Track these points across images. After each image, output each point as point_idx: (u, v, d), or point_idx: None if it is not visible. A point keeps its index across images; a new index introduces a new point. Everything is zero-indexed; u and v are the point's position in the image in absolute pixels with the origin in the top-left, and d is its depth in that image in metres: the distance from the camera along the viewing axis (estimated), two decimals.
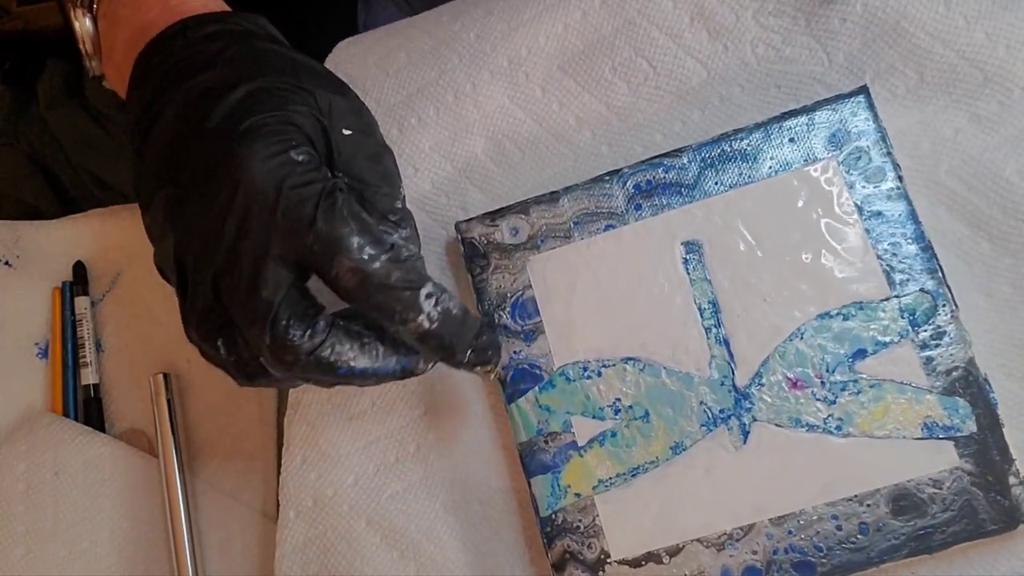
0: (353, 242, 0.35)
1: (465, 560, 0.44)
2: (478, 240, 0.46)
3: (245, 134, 0.35)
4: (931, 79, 0.44)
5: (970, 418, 0.39)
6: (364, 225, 0.35)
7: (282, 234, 0.35)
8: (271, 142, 0.35)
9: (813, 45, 0.46)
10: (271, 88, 0.37)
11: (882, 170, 0.42)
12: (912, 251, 0.41)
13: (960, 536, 0.39)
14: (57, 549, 0.49)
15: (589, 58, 0.49)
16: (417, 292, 0.36)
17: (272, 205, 0.34)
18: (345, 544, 0.45)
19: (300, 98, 0.37)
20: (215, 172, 0.35)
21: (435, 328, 0.36)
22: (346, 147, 0.38)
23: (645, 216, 0.44)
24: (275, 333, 0.35)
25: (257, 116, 0.36)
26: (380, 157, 0.39)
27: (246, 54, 0.38)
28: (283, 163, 0.35)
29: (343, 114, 0.38)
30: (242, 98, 0.36)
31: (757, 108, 0.46)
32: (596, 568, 0.41)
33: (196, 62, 0.38)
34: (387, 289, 0.35)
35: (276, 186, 0.35)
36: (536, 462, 0.43)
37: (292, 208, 0.34)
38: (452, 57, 0.50)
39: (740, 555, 0.40)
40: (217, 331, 0.36)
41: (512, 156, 0.49)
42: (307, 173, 0.35)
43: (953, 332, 0.40)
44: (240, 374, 0.37)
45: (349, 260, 0.35)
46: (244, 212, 0.35)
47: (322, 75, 0.39)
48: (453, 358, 0.38)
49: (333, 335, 0.36)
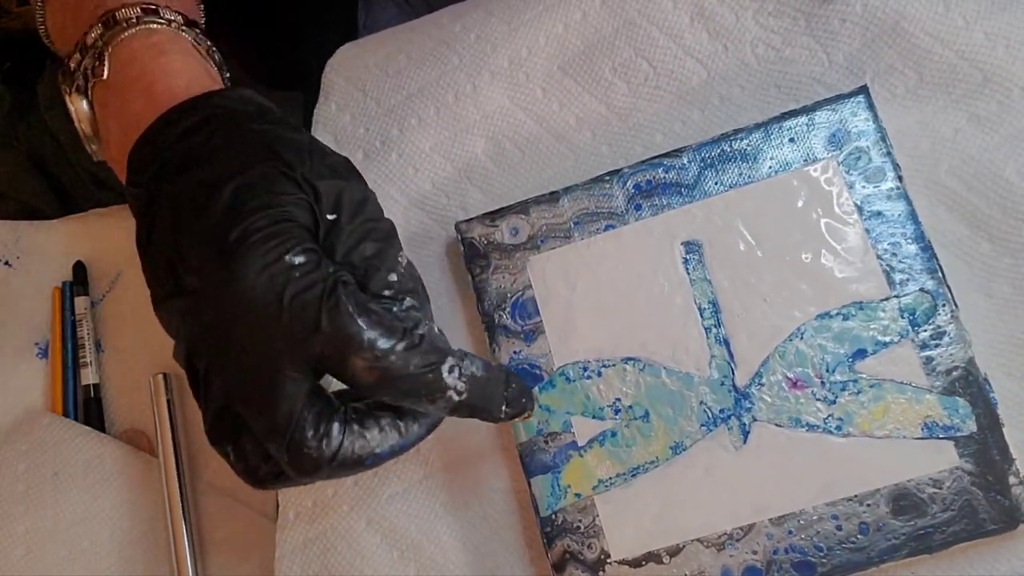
0: (364, 339, 0.34)
1: (465, 560, 0.44)
2: (478, 240, 0.46)
3: (238, 242, 0.34)
4: (931, 79, 0.44)
5: (970, 418, 0.39)
6: (373, 318, 0.34)
7: (291, 344, 0.34)
8: (266, 248, 0.34)
9: (813, 45, 0.46)
10: (256, 183, 0.36)
11: (882, 170, 0.42)
12: (912, 251, 0.41)
13: (960, 536, 0.39)
14: (57, 549, 0.49)
15: (589, 58, 0.49)
16: (439, 371, 0.35)
17: (275, 317, 0.33)
18: (345, 544, 0.45)
19: (287, 187, 0.36)
20: (216, 284, 0.34)
21: (465, 399, 0.36)
22: (331, 232, 0.37)
23: (645, 216, 0.44)
24: (292, 446, 0.34)
25: (248, 219, 0.34)
26: (368, 235, 0.38)
27: (227, 145, 0.37)
28: (281, 270, 0.34)
29: (327, 197, 0.37)
30: (229, 200, 0.35)
31: (757, 108, 0.46)
32: (596, 568, 0.41)
33: (179, 161, 0.37)
34: (409, 378, 0.34)
35: (277, 297, 0.34)
36: (536, 462, 0.43)
37: (296, 317, 0.33)
38: (452, 58, 0.51)
39: (740, 555, 0.40)
40: (227, 436, 0.36)
41: (512, 156, 0.49)
42: (306, 276, 0.34)
43: (953, 332, 0.40)
44: (251, 480, 0.36)
45: (362, 359, 0.34)
46: (250, 325, 0.34)
47: (306, 150, 0.38)
48: (489, 418, 0.37)
49: (350, 433, 0.35)
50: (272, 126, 0.38)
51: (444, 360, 0.35)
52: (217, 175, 0.36)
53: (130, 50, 0.40)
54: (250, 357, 0.34)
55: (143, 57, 0.40)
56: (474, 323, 0.47)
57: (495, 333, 0.45)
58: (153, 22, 0.41)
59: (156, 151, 0.38)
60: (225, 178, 0.36)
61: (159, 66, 0.40)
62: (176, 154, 0.37)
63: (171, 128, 0.38)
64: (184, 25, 0.42)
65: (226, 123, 0.38)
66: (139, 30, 0.41)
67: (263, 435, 0.34)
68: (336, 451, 0.34)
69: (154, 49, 0.41)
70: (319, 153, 0.38)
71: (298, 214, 0.36)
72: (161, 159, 0.37)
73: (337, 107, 0.52)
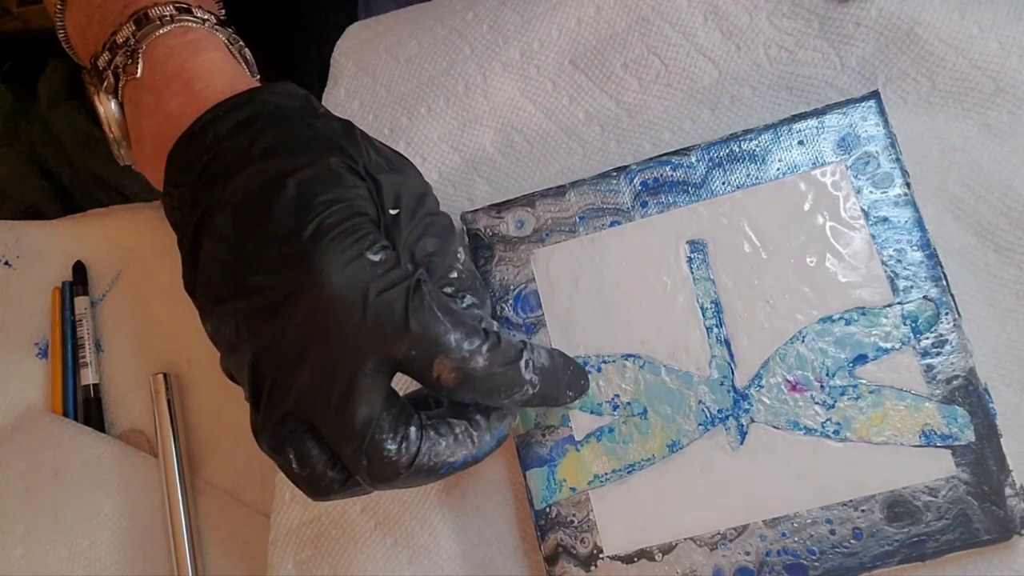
0: (451, 340, 0.33)
1: (458, 550, 0.44)
2: (483, 231, 0.46)
3: (315, 238, 0.33)
4: (943, 87, 0.44)
5: (968, 427, 0.39)
6: (455, 317, 0.34)
7: (375, 344, 0.33)
8: (346, 244, 0.33)
9: (826, 48, 0.46)
10: (322, 176, 0.34)
11: (890, 176, 0.42)
12: (917, 258, 0.41)
13: (954, 545, 0.38)
14: (57, 549, 0.49)
15: (601, 54, 0.49)
16: (518, 368, 0.35)
17: (361, 315, 0.32)
18: (339, 529, 0.45)
19: (354, 179, 0.35)
20: (293, 283, 0.33)
21: (539, 390, 0.36)
22: (392, 227, 0.36)
23: (651, 213, 0.44)
24: (372, 452, 0.33)
25: (321, 213, 0.33)
26: (429, 229, 0.37)
27: (282, 139, 0.36)
28: (363, 267, 0.33)
29: (388, 190, 0.36)
30: (296, 194, 0.34)
31: (767, 109, 0.46)
32: (588, 563, 0.42)
33: (233, 158, 0.35)
34: (491, 378, 0.34)
35: (362, 294, 0.33)
36: (532, 455, 0.43)
37: (383, 315, 0.33)
38: (464, 48, 0.50)
39: (733, 555, 0.40)
40: (290, 443, 0.34)
41: (520, 149, 0.49)
42: (389, 273, 0.33)
43: (955, 341, 0.40)
44: (312, 489, 0.35)
45: (450, 360, 0.33)
46: (331, 325, 0.33)
47: (362, 142, 0.37)
48: (557, 404, 0.39)
49: (427, 439, 0.34)
50: (323, 120, 0.37)
51: (520, 356, 0.35)
52: (278, 170, 0.34)
53: (166, 48, 0.39)
54: (331, 356, 0.33)
55: (181, 54, 0.39)
56: None
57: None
58: (188, 20, 0.40)
59: (203, 149, 0.36)
60: (287, 173, 0.34)
61: (198, 63, 0.39)
62: (226, 152, 0.36)
63: (218, 125, 0.36)
64: (217, 24, 0.41)
65: (276, 119, 0.37)
66: (174, 27, 0.39)
67: (338, 438, 0.33)
68: (414, 457, 0.34)
69: (191, 46, 0.39)
70: (374, 146, 0.38)
71: (367, 208, 0.35)
72: (209, 157, 0.36)
73: (346, 93, 0.52)
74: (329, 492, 0.35)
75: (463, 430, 0.36)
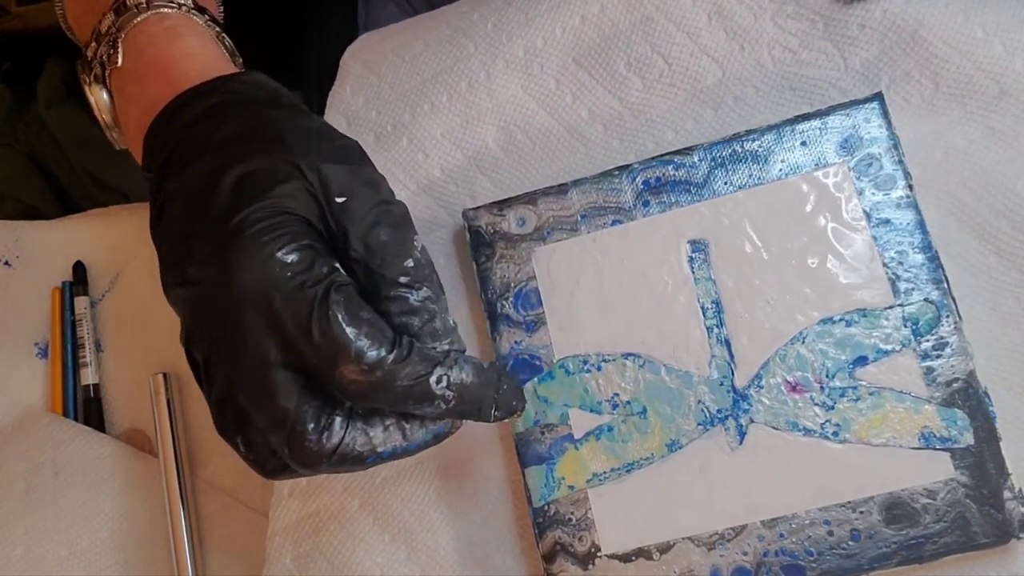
0: (353, 350, 0.33)
1: (456, 547, 0.44)
2: (485, 229, 0.46)
3: (235, 233, 0.33)
4: (947, 89, 0.44)
5: (968, 430, 0.39)
6: (363, 328, 0.34)
7: (280, 344, 0.33)
8: (261, 242, 0.33)
9: (830, 50, 0.46)
10: (258, 171, 0.35)
11: (893, 178, 0.42)
12: (919, 260, 0.41)
13: (952, 548, 0.38)
14: (57, 549, 0.49)
15: (605, 52, 0.49)
16: (427, 383, 0.34)
17: (266, 317, 0.33)
18: (337, 524, 0.45)
19: (287, 175, 0.35)
20: (214, 277, 0.34)
21: (453, 406, 0.35)
22: (343, 216, 0.36)
23: (653, 213, 0.44)
24: (293, 439, 0.33)
25: (246, 209, 0.34)
26: (382, 218, 0.37)
27: (237, 131, 0.37)
28: (273, 268, 0.33)
29: (336, 180, 0.36)
30: (231, 188, 0.35)
31: (771, 110, 0.46)
32: (586, 561, 0.42)
33: (191, 146, 0.36)
34: (396, 389, 0.34)
35: (267, 295, 0.33)
36: (531, 452, 0.43)
37: (287, 319, 0.33)
38: (468, 45, 0.50)
39: (730, 555, 0.40)
40: (236, 427, 0.35)
41: (523, 146, 0.49)
42: (299, 276, 0.33)
43: (955, 343, 0.40)
44: (262, 471, 0.36)
45: (350, 370, 0.33)
46: (241, 323, 0.33)
47: (314, 135, 0.37)
48: (479, 420, 0.37)
49: (352, 429, 0.34)
50: (284, 111, 0.38)
51: (432, 371, 0.34)
52: (222, 164, 0.35)
53: (145, 36, 0.40)
54: (243, 353, 0.34)
55: (159, 41, 0.40)
56: (477, 311, 0.47)
57: (497, 322, 0.45)
58: (164, 6, 0.41)
59: (170, 135, 0.37)
60: (228, 167, 0.35)
61: (176, 49, 0.40)
62: (188, 139, 0.37)
63: (186, 111, 0.37)
64: (194, 9, 0.42)
65: (239, 109, 0.37)
66: (151, 15, 0.40)
67: (264, 427, 0.34)
68: (337, 446, 0.34)
69: (169, 33, 0.40)
70: (328, 138, 0.38)
71: (297, 205, 0.35)
72: (174, 143, 0.37)
73: (351, 90, 0.52)
74: (276, 474, 0.36)
75: (394, 422, 0.35)
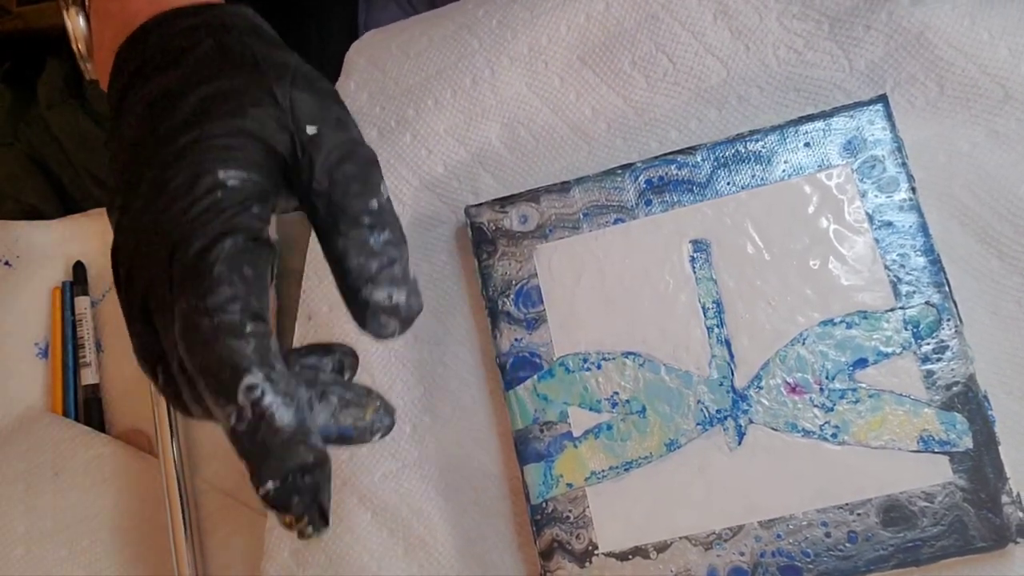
0: (201, 287, 0.30)
1: (454, 543, 0.44)
2: (487, 226, 0.46)
3: (185, 149, 0.32)
4: (951, 92, 0.44)
5: (967, 434, 0.39)
6: (239, 286, 0.31)
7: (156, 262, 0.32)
8: (206, 158, 0.32)
9: (835, 51, 0.46)
10: (228, 91, 0.34)
11: (896, 180, 0.42)
12: (920, 263, 0.41)
13: (949, 551, 0.39)
14: (57, 549, 0.49)
15: (609, 50, 0.49)
16: (239, 377, 0.29)
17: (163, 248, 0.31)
18: (335, 519, 0.45)
19: (257, 99, 0.34)
20: (149, 192, 0.32)
21: (243, 431, 0.29)
22: (311, 146, 0.34)
23: (655, 212, 0.44)
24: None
25: (206, 125, 0.33)
26: (352, 155, 0.35)
27: (212, 52, 0.36)
28: (200, 190, 0.32)
29: (308, 111, 0.35)
30: (195, 104, 0.34)
31: (774, 110, 0.46)
32: (583, 559, 0.42)
33: (163, 60, 0.36)
34: (206, 357, 0.30)
35: (173, 218, 0.31)
36: (530, 450, 0.43)
37: (175, 243, 0.31)
38: (472, 42, 0.50)
39: (728, 555, 0.40)
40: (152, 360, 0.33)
41: (526, 144, 0.49)
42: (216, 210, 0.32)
43: (956, 347, 0.40)
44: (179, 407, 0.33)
45: (185, 304, 0.30)
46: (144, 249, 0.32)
47: (291, 68, 0.36)
48: (252, 478, 0.30)
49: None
50: (264, 42, 0.37)
51: (249, 371, 0.30)
52: (195, 77, 0.34)
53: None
54: (144, 279, 0.32)
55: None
56: (478, 308, 0.47)
57: (498, 319, 0.45)
58: None
59: (143, 50, 0.36)
60: (201, 81, 0.34)
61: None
62: (158, 56, 0.36)
63: (161, 30, 0.36)
64: None
65: (216, 32, 0.36)
66: None
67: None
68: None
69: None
70: (304, 73, 0.36)
71: (262, 129, 0.33)
72: (145, 57, 0.36)
73: (356, 85, 0.52)
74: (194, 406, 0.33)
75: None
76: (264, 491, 0.29)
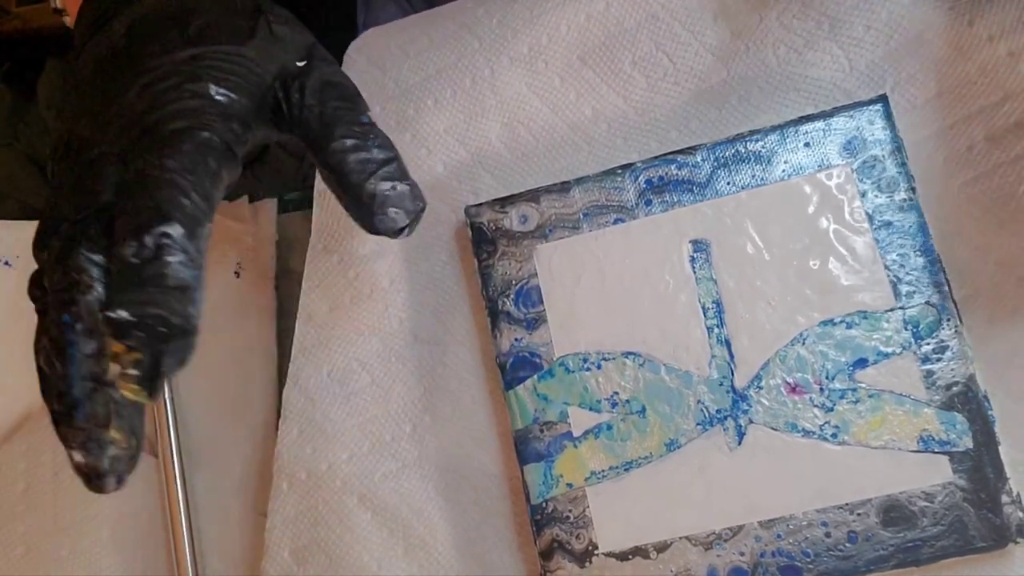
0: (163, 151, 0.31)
1: (454, 543, 0.44)
2: (486, 225, 0.46)
3: (182, 63, 0.33)
4: (951, 92, 0.44)
5: (967, 434, 0.39)
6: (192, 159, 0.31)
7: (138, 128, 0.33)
8: (203, 73, 0.33)
9: (835, 51, 0.46)
10: (229, 22, 0.35)
11: (896, 180, 0.42)
12: (920, 263, 0.41)
13: (949, 551, 0.39)
14: (57, 549, 0.49)
15: (609, 50, 0.49)
16: (161, 220, 0.29)
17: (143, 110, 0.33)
18: (336, 519, 0.45)
19: (255, 31, 0.35)
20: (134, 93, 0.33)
21: (133, 264, 0.29)
22: (302, 75, 0.36)
23: (655, 212, 0.44)
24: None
25: (208, 47, 0.34)
26: (339, 83, 0.37)
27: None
28: (187, 93, 0.33)
29: (299, 46, 0.37)
30: (199, 28, 0.34)
31: (775, 110, 0.46)
32: (583, 559, 0.42)
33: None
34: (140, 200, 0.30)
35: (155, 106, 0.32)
36: (530, 450, 0.43)
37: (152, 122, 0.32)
38: (472, 41, 0.50)
39: (727, 555, 0.40)
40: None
41: (526, 143, 0.49)
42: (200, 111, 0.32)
43: (956, 347, 0.40)
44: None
45: (142, 162, 0.31)
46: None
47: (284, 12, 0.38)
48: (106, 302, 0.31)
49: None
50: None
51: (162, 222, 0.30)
52: (194, 7, 0.35)
53: None
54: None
55: None
56: (478, 308, 0.47)
57: (497, 319, 0.45)
58: None
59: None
60: (200, 12, 0.35)
61: None
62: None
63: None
64: None
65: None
66: None
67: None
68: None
69: None
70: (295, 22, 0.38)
71: (257, 56, 0.35)
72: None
73: (355, 84, 0.52)
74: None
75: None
76: (112, 314, 0.28)
